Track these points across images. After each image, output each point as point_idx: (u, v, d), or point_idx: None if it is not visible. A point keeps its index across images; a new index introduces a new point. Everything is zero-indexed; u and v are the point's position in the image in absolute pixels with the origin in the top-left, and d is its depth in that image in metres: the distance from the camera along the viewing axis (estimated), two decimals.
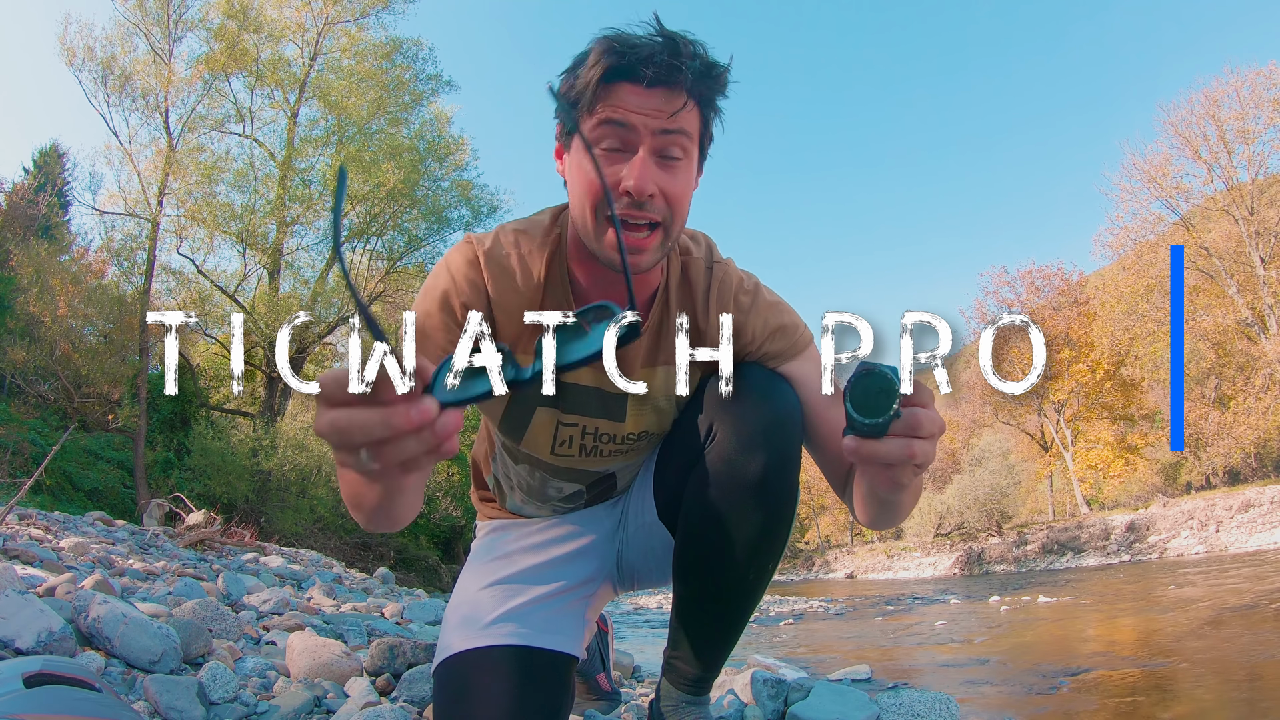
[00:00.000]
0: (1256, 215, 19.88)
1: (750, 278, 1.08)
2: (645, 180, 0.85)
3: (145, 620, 1.47)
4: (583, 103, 0.86)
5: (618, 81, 0.85)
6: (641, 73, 0.83)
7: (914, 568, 23.91)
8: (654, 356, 1.06)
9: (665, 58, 0.83)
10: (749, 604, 1.11)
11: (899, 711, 1.48)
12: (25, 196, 21.33)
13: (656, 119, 0.85)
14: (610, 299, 1.01)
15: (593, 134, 0.87)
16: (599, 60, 0.84)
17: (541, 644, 1.09)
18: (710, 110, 0.92)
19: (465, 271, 0.99)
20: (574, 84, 0.87)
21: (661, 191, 0.87)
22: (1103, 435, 23.58)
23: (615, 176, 0.87)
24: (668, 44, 0.84)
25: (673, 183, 0.88)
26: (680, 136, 0.87)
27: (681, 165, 0.89)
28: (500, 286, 1.00)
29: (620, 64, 0.84)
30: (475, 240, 1.02)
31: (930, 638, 4.80)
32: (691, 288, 1.05)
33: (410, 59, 18.14)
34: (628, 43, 0.84)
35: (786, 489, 1.01)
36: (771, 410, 1.00)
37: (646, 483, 1.18)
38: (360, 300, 0.51)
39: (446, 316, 0.98)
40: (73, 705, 0.86)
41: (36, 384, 15.04)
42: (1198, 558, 13.85)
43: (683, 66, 0.84)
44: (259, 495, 15.84)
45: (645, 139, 0.86)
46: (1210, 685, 2.36)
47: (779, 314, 1.06)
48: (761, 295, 1.06)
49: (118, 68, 15.25)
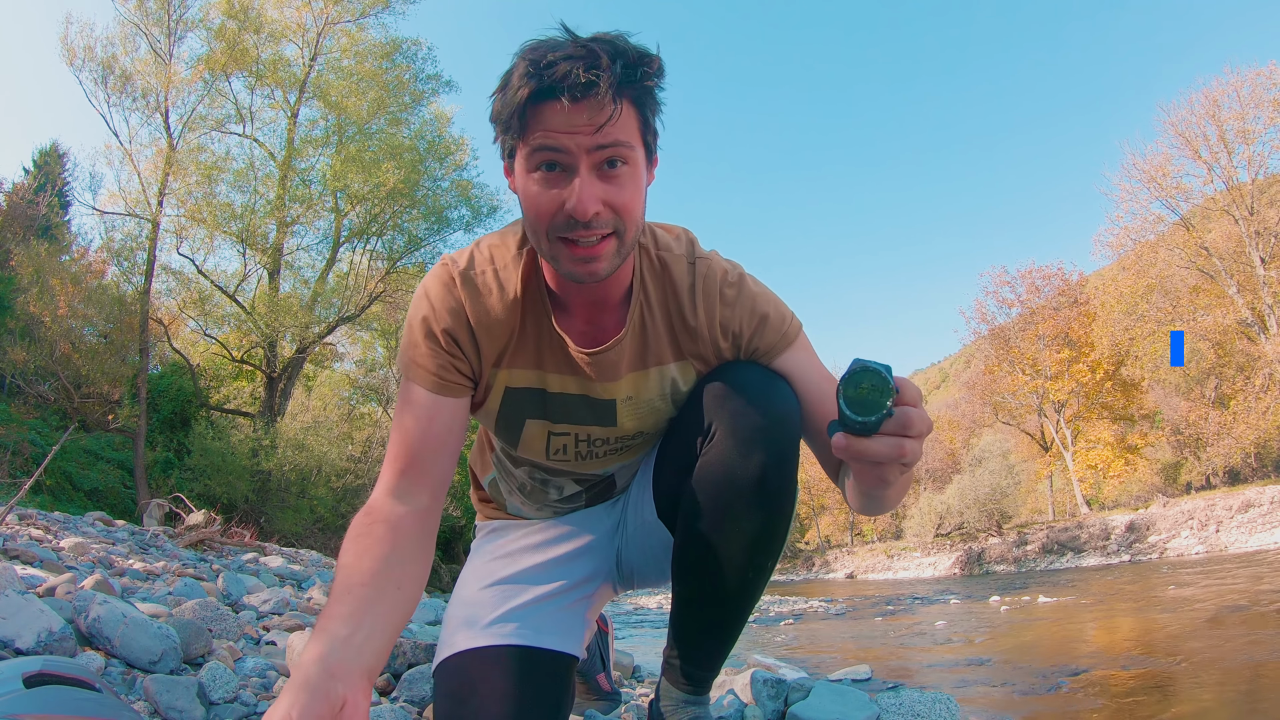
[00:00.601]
0: (1256, 215, 19.88)
1: (734, 269, 1.07)
2: (586, 201, 0.84)
3: (145, 620, 1.47)
4: (513, 129, 0.86)
5: (543, 103, 0.83)
6: (562, 92, 0.81)
7: (914, 568, 23.90)
8: (642, 359, 1.05)
9: (582, 72, 0.80)
10: (748, 603, 1.11)
11: (899, 711, 1.48)
12: (25, 196, 21.34)
13: (587, 136, 0.84)
14: (589, 310, 1.02)
15: (531, 159, 0.86)
16: (521, 84, 0.83)
17: (542, 644, 1.10)
18: (647, 106, 0.90)
19: (442, 297, 1.00)
20: (502, 107, 0.86)
21: (607, 204, 0.87)
22: (1103, 435, 23.58)
23: (559, 200, 0.86)
24: (585, 55, 0.81)
25: (618, 193, 0.87)
26: (617, 147, 0.86)
27: (625, 172, 0.88)
28: (477, 306, 1.00)
29: (540, 86, 0.82)
30: (450, 262, 1.03)
31: (930, 638, 4.80)
32: (675, 285, 1.04)
33: (410, 59, 18.15)
34: (545, 62, 0.81)
35: (785, 488, 1.01)
36: (769, 408, 1.00)
37: (646, 482, 1.18)
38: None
39: (431, 344, 1.00)
40: (73, 705, 0.86)
41: (36, 384, 15.05)
42: (1198, 558, 13.85)
43: (602, 75, 0.81)
44: (259, 495, 15.84)
45: (581, 158, 0.84)
46: (1210, 685, 2.36)
47: (764, 304, 1.05)
48: (746, 287, 1.05)
49: (118, 68, 15.25)
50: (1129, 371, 24.05)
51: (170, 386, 18.82)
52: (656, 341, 1.05)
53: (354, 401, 24.75)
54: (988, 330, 26.35)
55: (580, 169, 0.85)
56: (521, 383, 1.05)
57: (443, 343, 1.00)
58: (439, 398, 1.00)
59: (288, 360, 17.27)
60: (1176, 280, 21.09)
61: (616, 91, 0.83)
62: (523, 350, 1.04)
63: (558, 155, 0.85)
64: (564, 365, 1.03)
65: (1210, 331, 21.93)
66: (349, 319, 17.75)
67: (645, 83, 0.87)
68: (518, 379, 1.05)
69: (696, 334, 1.04)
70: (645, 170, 0.93)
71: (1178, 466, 24.98)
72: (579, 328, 1.03)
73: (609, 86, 0.82)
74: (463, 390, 1.03)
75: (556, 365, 1.04)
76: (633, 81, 0.85)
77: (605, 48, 0.82)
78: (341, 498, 18.58)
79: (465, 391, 1.04)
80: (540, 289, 1.02)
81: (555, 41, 0.84)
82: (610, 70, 0.81)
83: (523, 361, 1.04)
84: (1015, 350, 25.22)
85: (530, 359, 1.04)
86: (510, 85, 0.85)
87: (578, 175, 0.85)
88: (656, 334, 1.04)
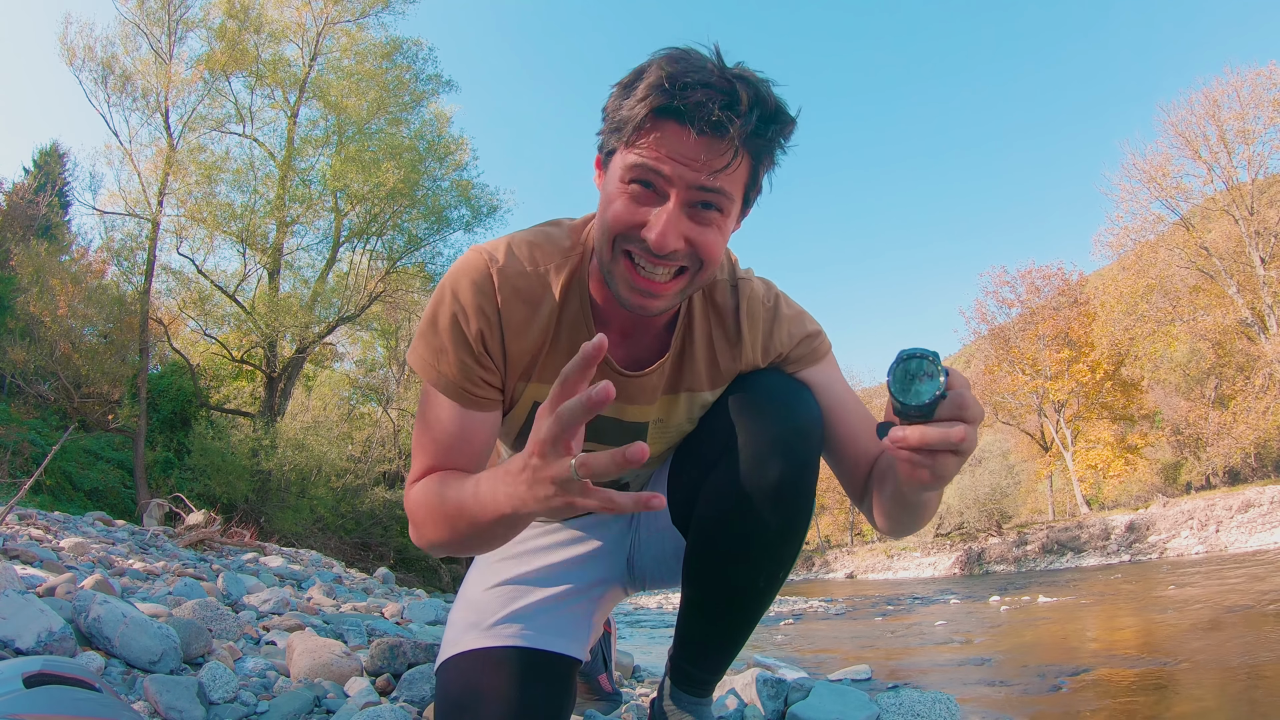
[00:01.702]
0: (1256, 215, 19.88)
1: (770, 290, 1.05)
2: (668, 236, 0.80)
3: (145, 620, 1.47)
4: (625, 131, 0.81)
5: (665, 120, 0.78)
6: (690, 120, 0.76)
7: (914, 568, 23.89)
8: (676, 383, 1.03)
9: (717, 109, 0.75)
10: (757, 610, 1.10)
11: (899, 711, 1.48)
12: (25, 196, 21.34)
13: (696, 173, 0.79)
14: (632, 328, 0.98)
15: (631, 169, 0.81)
16: (649, 94, 0.77)
17: (545, 646, 1.09)
18: (764, 164, 0.85)
19: (474, 295, 0.92)
20: (621, 107, 0.81)
21: (689, 241, 0.82)
22: (1103, 435, 23.57)
23: (642, 217, 0.81)
24: (725, 92, 0.76)
25: (702, 235, 0.82)
26: (718, 195, 0.81)
27: (716, 219, 0.83)
28: (512, 309, 0.93)
29: (669, 104, 0.77)
30: (487, 255, 0.94)
31: (930, 638, 4.80)
32: (719, 310, 1.02)
33: (410, 59, 18.17)
34: (683, 82, 0.76)
35: (803, 498, 1.00)
36: (792, 418, 0.98)
37: (660, 485, 1.17)
38: None
39: (461, 350, 0.92)
40: (73, 705, 0.86)
41: (36, 384, 15.04)
42: (1198, 558, 13.85)
43: (736, 120, 0.76)
44: (259, 495, 15.84)
45: (679, 189, 0.80)
46: (1210, 685, 2.36)
47: (801, 324, 1.05)
48: (782, 308, 1.04)
49: (118, 67, 15.25)
50: (1129, 371, 24.06)
51: (170, 386, 18.83)
52: (694, 368, 1.02)
53: (354, 401, 24.76)
54: (988, 330, 26.36)
55: (672, 199, 0.80)
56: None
57: (474, 349, 0.92)
58: (468, 412, 0.95)
59: (288, 360, 17.28)
60: (1176, 280, 21.09)
61: (744, 141, 0.79)
62: (554, 364, 0.97)
63: (657, 178, 0.80)
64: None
65: (1210, 331, 21.94)
66: (349, 319, 17.75)
67: (773, 142, 0.83)
68: (546, 394, 1.01)
69: (740, 358, 1.03)
70: (735, 221, 0.88)
71: (1178, 466, 24.98)
72: (617, 346, 0.99)
73: (738, 134, 0.77)
74: (493, 405, 0.97)
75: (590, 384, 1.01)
76: (762, 136, 0.80)
77: (749, 91, 0.77)
78: (341, 498, 18.58)
79: (495, 405, 0.97)
80: (583, 301, 0.96)
81: (699, 62, 0.78)
82: (745, 117, 0.77)
83: (553, 375, 0.97)
84: (1015, 350, 25.22)
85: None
86: (637, 89, 0.79)
87: (667, 204, 0.80)
88: (696, 361, 1.02)
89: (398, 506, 20.22)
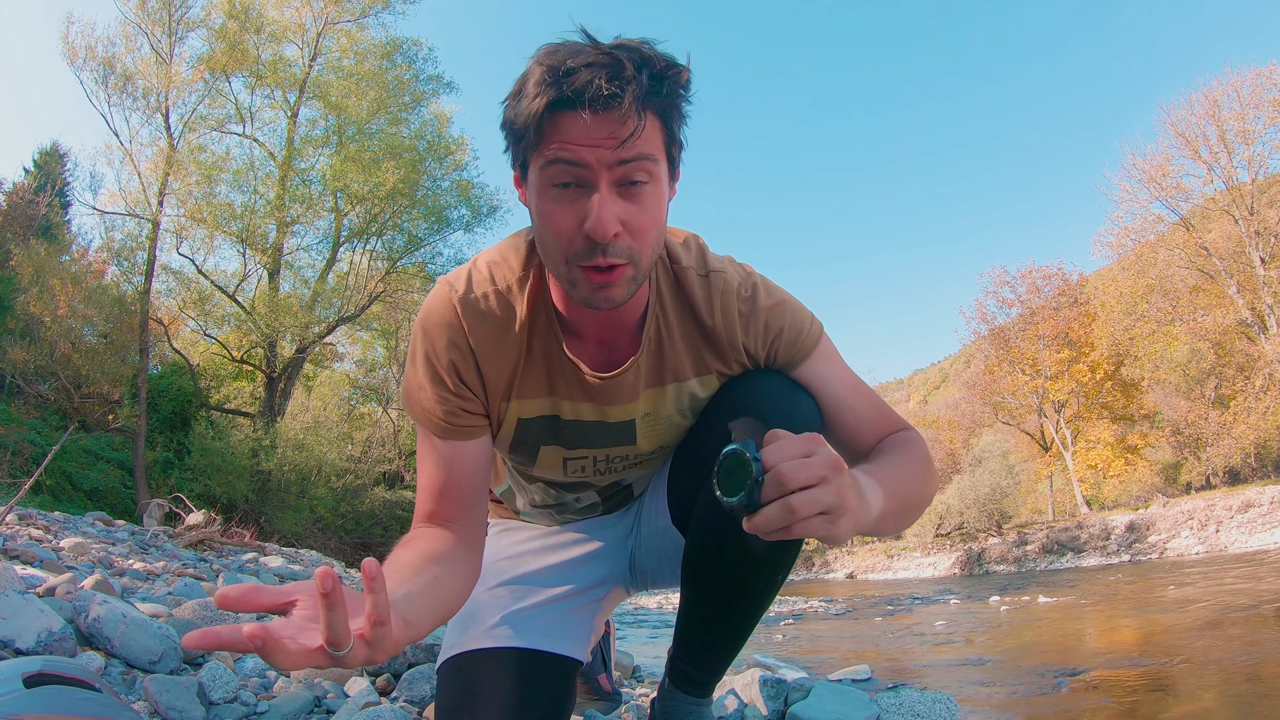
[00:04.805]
0: (1256, 215, 19.86)
1: (748, 280, 1.01)
2: (606, 221, 0.78)
3: (145, 620, 1.47)
4: (527, 140, 0.80)
5: (561, 113, 0.77)
6: (583, 103, 0.75)
7: (914, 568, 23.89)
8: (659, 376, 1.02)
9: (605, 83, 0.74)
10: (756, 611, 1.10)
11: (899, 711, 1.48)
12: (25, 196, 21.32)
13: (608, 150, 0.78)
14: (603, 331, 0.97)
15: (546, 172, 0.80)
16: (538, 91, 0.76)
17: (546, 647, 1.09)
18: (673, 119, 0.84)
19: (441, 329, 0.94)
20: (517, 115, 0.80)
21: (626, 226, 0.81)
22: (1103, 435, 23.56)
23: (576, 219, 0.80)
24: (609, 64, 0.75)
25: (639, 213, 0.81)
26: (641, 161, 0.79)
27: (647, 190, 0.82)
28: (481, 335, 0.94)
29: (559, 95, 0.75)
30: (449, 286, 0.95)
31: (930, 638, 4.80)
32: (689, 300, 1.00)
33: (410, 59, 18.17)
34: (564, 70, 0.75)
35: None
36: (789, 420, 0.95)
37: (661, 487, 1.16)
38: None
39: (438, 387, 0.95)
40: (73, 705, 0.86)
41: (36, 384, 15.05)
42: (1198, 558, 13.84)
43: (627, 87, 0.75)
44: (259, 495, 15.85)
45: (602, 173, 0.79)
46: (1210, 685, 2.36)
47: (779, 317, 1.00)
48: (760, 300, 1.00)
49: (119, 67, 15.27)
50: (1129, 371, 24.04)
51: (170, 386, 18.82)
52: (675, 358, 1.00)
53: (354, 401, 24.79)
54: (988, 330, 26.34)
55: (600, 185, 0.79)
56: (534, 412, 1.01)
57: (449, 384, 0.94)
58: (455, 444, 0.97)
59: (288, 360, 17.28)
60: (1176, 280, 21.08)
61: (641, 104, 0.77)
62: (532, 379, 0.99)
63: (576, 169, 0.79)
64: (577, 391, 0.99)
65: (1210, 331, 21.92)
66: (349, 319, 17.76)
67: (672, 95, 0.81)
68: (530, 409, 1.00)
69: (716, 350, 1.01)
70: (668, 186, 0.87)
71: (1178, 466, 24.96)
72: (591, 350, 0.98)
73: (634, 99, 0.76)
74: (479, 431, 0.99)
75: (569, 392, 0.99)
76: (659, 94, 0.79)
77: (630, 56, 0.76)
78: (341, 498, 18.58)
79: (482, 431, 0.99)
80: (549, 312, 0.96)
81: (575, 47, 0.78)
82: (635, 81, 0.76)
83: (533, 390, 0.99)
84: (1015, 350, 25.21)
85: (541, 387, 0.99)
86: (525, 92, 0.78)
87: (596, 192, 0.79)
88: (675, 350, 1.00)
89: (398, 506, 20.23)
